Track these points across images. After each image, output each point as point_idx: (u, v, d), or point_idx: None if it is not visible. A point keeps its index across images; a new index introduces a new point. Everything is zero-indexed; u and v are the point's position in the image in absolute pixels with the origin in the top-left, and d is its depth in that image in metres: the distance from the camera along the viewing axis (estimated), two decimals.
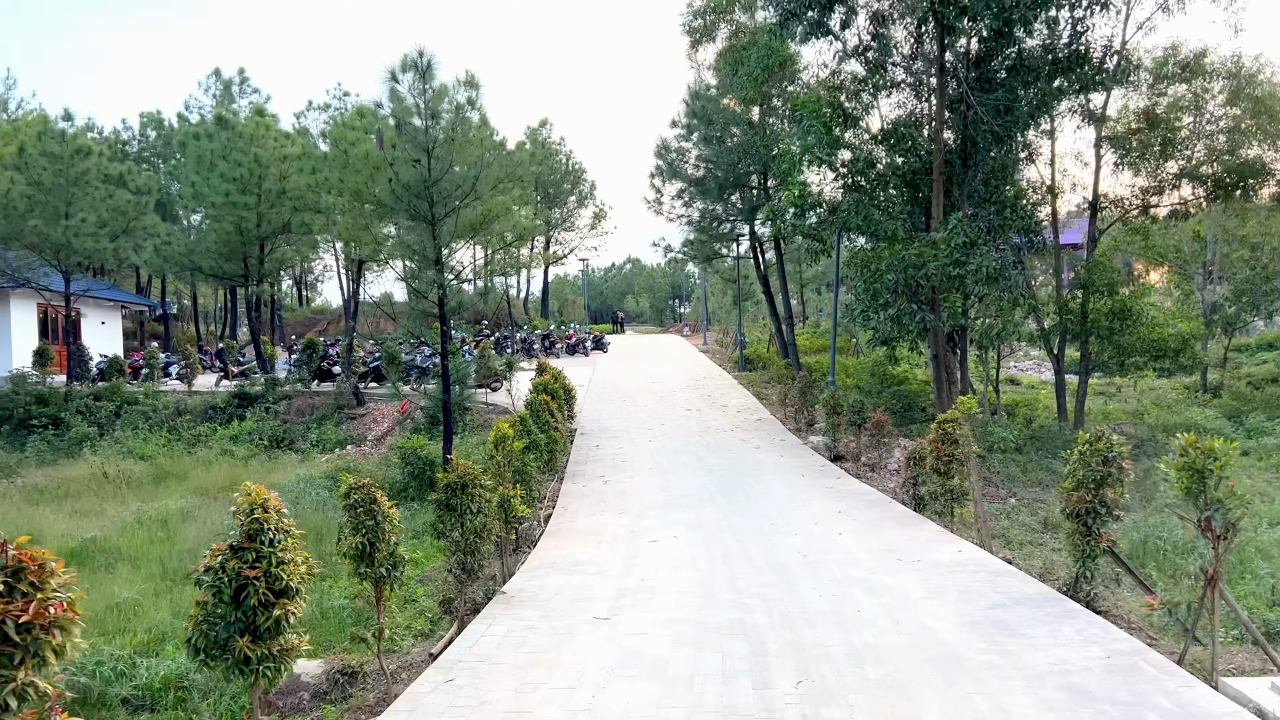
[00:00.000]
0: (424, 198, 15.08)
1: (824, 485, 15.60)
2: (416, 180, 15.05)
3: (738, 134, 27.15)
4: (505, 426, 10.96)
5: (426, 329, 31.56)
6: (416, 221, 15.24)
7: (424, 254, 15.23)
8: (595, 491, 15.73)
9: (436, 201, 15.27)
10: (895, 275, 17.19)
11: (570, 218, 57.39)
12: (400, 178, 14.84)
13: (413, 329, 15.94)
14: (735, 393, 28.75)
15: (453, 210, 15.35)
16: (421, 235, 15.31)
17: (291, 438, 26.28)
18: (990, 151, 18.37)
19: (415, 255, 15.16)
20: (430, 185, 15.07)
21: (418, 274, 14.83)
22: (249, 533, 5.23)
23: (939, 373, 19.04)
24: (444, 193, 15.32)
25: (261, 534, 5.22)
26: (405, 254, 15.18)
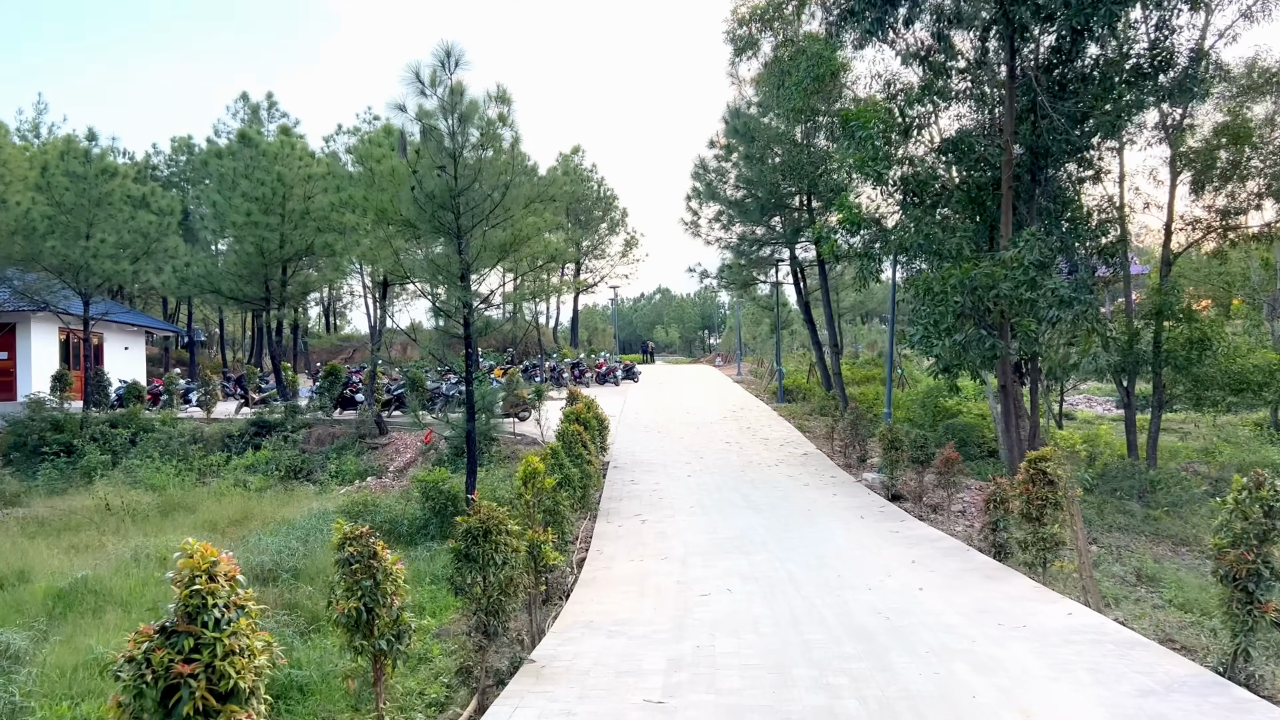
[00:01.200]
0: (449, 209, 13.81)
1: (888, 529, 14.00)
2: (441, 189, 13.80)
3: (780, 154, 25.81)
4: (535, 460, 9.53)
5: (453, 354, 30.37)
6: (441, 235, 13.96)
7: (449, 270, 13.94)
8: (633, 532, 14.24)
9: (463, 213, 14.00)
10: (962, 297, 15.66)
11: (601, 245, 56.29)
12: (424, 186, 13.59)
13: (435, 351, 14.62)
14: (776, 425, 27.19)
15: (480, 222, 14.07)
16: (447, 250, 14.03)
17: (310, 468, 25.07)
18: (1064, 164, 16.85)
19: (440, 271, 13.86)
20: (456, 195, 13.80)
21: (437, 283, 13.53)
22: (188, 611, 3.78)
23: (1007, 405, 17.41)
24: (471, 204, 14.05)
25: (204, 612, 3.77)
26: (429, 271, 13.90)
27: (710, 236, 29.92)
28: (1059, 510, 10.74)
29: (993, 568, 11.24)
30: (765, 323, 50.97)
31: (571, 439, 14.46)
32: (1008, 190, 16.69)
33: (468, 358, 13.91)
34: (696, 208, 30.04)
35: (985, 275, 15.50)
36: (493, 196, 13.91)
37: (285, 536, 15.13)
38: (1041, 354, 16.76)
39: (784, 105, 20.56)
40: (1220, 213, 20.83)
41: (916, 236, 16.45)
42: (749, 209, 26.90)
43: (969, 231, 16.59)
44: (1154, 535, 16.83)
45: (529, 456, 9.62)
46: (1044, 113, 15.96)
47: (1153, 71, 16.10)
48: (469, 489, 13.58)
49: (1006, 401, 17.51)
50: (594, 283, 56.88)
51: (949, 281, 15.87)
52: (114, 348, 38.96)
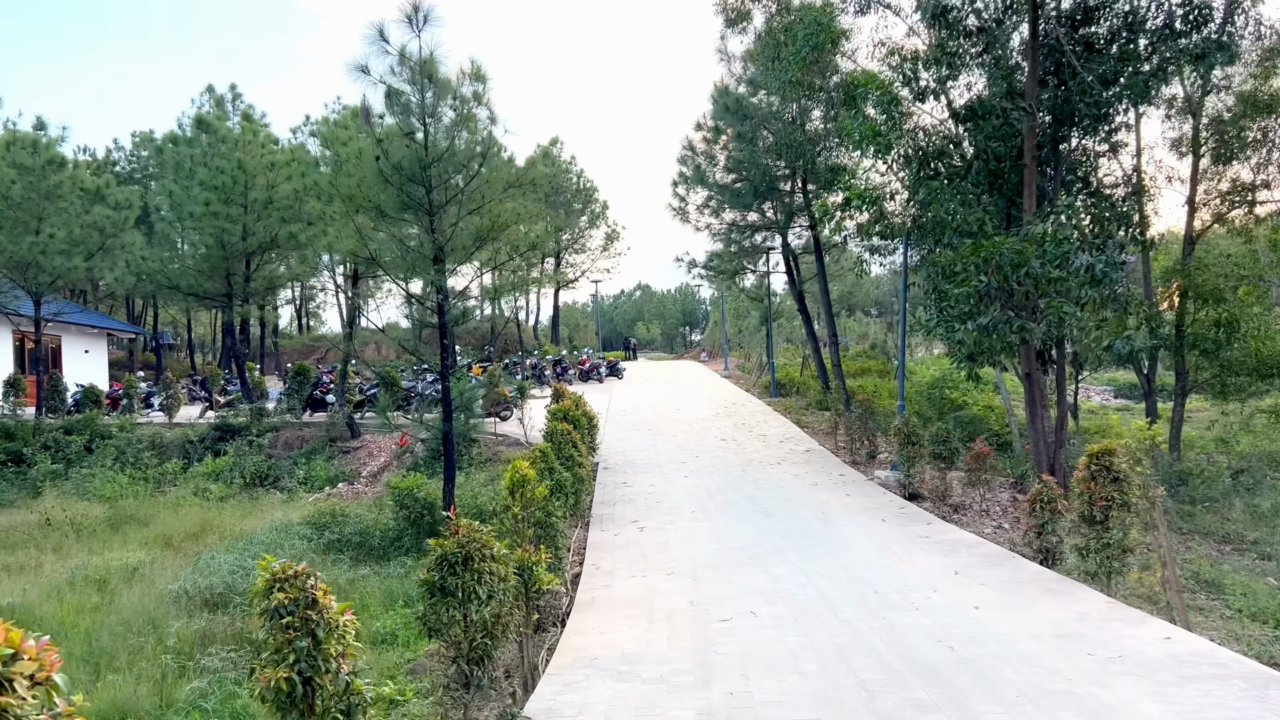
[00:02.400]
0: (419, 182, 12.24)
1: (915, 533, 12.57)
2: (410, 161, 12.23)
3: (772, 134, 24.30)
4: (524, 465, 8.01)
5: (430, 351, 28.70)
6: (410, 212, 12.39)
7: (420, 251, 12.38)
8: (631, 541, 12.74)
9: (435, 188, 12.44)
10: (988, 277, 14.26)
11: (581, 239, 54.69)
12: (390, 158, 12.01)
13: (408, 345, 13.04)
14: (772, 420, 25.76)
15: (455, 198, 12.52)
16: (418, 229, 12.47)
17: (276, 475, 23.42)
18: (1092, 131, 15.48)
19: (410, 253, 12.30)
20: (427, 167, 12.24)
21: (412, 274, 11.97)
22: None
23: (1033, 395, 16.02)
24: (444, 177, 12.49)
25: None
26: (398, 252, 12.33)
27: (700, 223, 28.43)
28: (1127, 512, 9.34)
29: (1049, 579, 9.82)
30: (751, 316, 49.58)
31: (561, 439, 12.94)
32: (1031, 161, 15.31)
33: (443, 350, 12.37)
34: (684, 193, 28.54)
35: (1014, 252, 14.11)
36: (468, 168, 12.35)
37: (241, 553, 13.52)
38: (1071, 338, 15.39)
39: (782, 76, 19.07)
40: (1246, 187, 19.60)
41: (937, 210, 15.03)
42: (741, 193, 25.39)
43: (991, 205, 15.18)
44: (1192, 533, 15.54)
45: (516, 461, 8.11)
46: (1072, 73, 14.59)
47: (1187, 29, 14.78)
48: (447, 497, 12.03)
49: (1032, 390, 16.13)
50: (575, 278, 55.29)
51: (974, 260, 14.48)
52: (73, 351, 37.04)
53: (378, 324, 27.27)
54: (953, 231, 15.33)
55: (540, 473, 10.41)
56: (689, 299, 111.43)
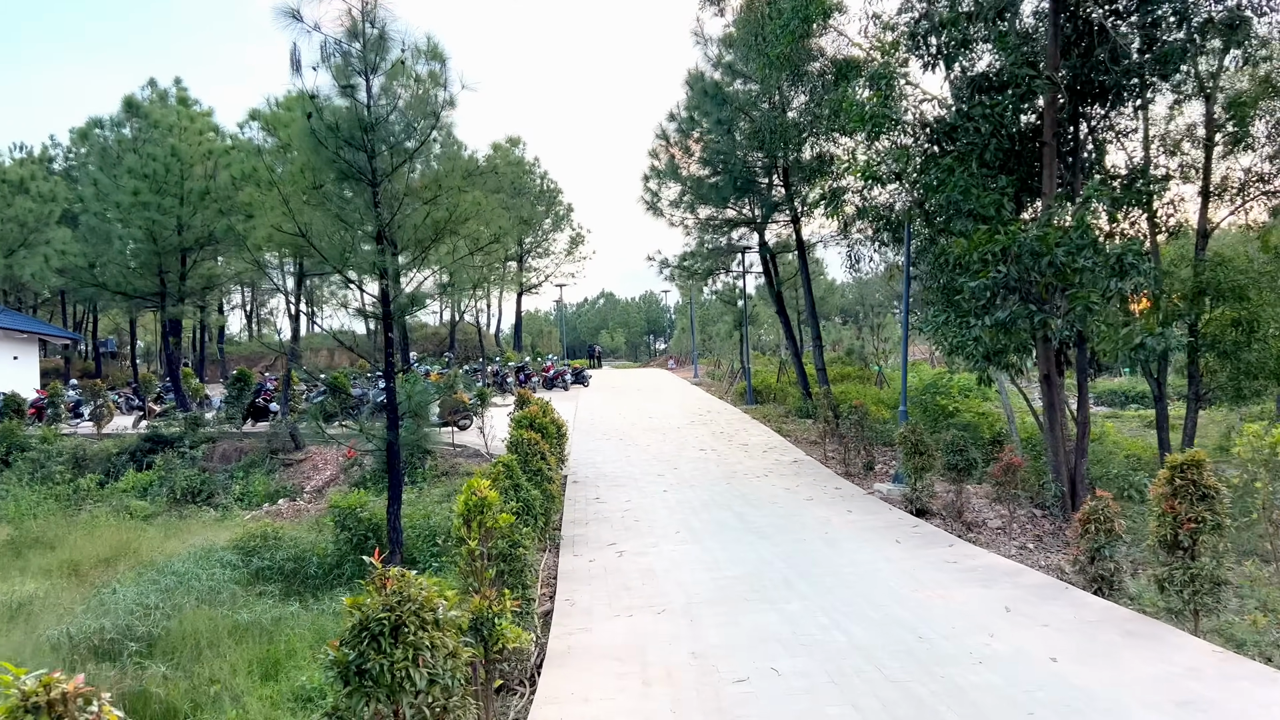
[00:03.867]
0: (359, 146, 10.35)
1: (938, 558, 10.87)
2: (349, 121, 10.34)
3: (752, 121, 22.64)
4: (483, 485, 6.16)
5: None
6: (349, 182, 10.49)
7: (362, 228, 10.48)
8: (610, 569, 10.90)
9: (378, 153, 10.55)
10: (1006, 267, 12.66)
11: (545, 242, 52.78)
12: (324, 116, 10.11)
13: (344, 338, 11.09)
14: (752, 429, 24.04)
15: (404, 162, 10.64)
16: (358, 201, 10.57)
17: (210, 490, 21.30)
18: (1123, 105, 13.99)
19: (348, 231, 10.39)
20: (368, 128, 10.35)
21: (350, 255, 10.05)
22: None
23: (1052, 399, 14.45)
24: (388, 138, 10.62)
25: None
26: (334, 229, 10.41)
27: (674, 218, 26.69)
28: (1219, 536, 7.70)
29: (1123, 618, 8.13)
30: (722, 322, 47.97)
31: (528, 450, 11.08)
32: (1051, 138, 13.79)
33: (387, 346, 10.46)
34: (655, 188, 26.79)
35: (1036, 240, 12.52)
36: (419, 130, 10.49)
37: (147, 586, 11.47)
38: (1096, 335, 13.84)
39: (769, 51, 17.40)
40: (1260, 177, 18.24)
41: (947, 193, 13.41)
42: (719, 186, 23.67)
43: (1009, 187, 13.59)
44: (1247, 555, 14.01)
45: (472, 480, 6.24)
46: (1101, 37, 13.06)
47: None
48: (392, 519, 10.10)
49: (1051, 394, 14.56)
50: (538, 282, 53.32)
51: (990, 249, 12.87)
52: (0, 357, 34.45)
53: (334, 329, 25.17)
54: (965, 217, 13.74)
55: (504, 492, 8.55)
56: (653, 307, 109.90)
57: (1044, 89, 12.99)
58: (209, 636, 9.91)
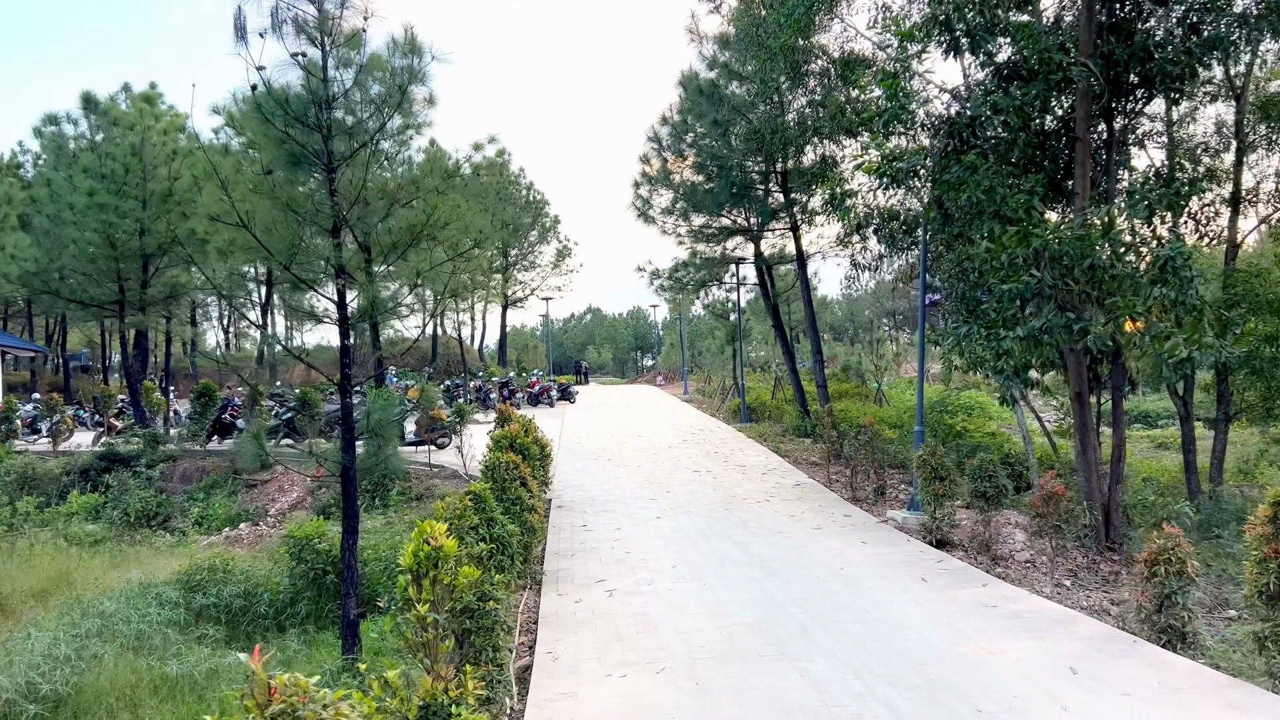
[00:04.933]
0: (314, 126, 8.98)
1: (974, 600, 9.51)
2: (300, 99, 8.98)
3: (747, 125, 21.35)
4: (438, 529, 4.77)
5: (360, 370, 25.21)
6: (301, 169, 9.12)
7: (316, 219, 9.09)
8: (598, 612, 9.49)
9: (336, 133, 9.19)
10: (1040, 272, 11.38)
11: (530, 254, 51.42)
12: (270, 90, 8.73)
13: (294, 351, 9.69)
14: (749, 449, 22.68)
15: (365, 145, 9.28)
16: (312, 189, 9.20)
17: (167, 513, 19.78)
18: (1160, 96, 12.78)
19: (300, 221, 9.00)
20: (324, 104, 8.99)
21: (298, 249, 8.65)
22: None
23: (1084, 418, 13.16)
24: (347, 117, 9.26)
25: None
26: (281, 219, 9.00)
27: (666, 225, 25.36)
28: None
29: (1219, 683, 6.78)
30: (713, 337, 46.69)
31: (506, 475, 9.68)
32: (1085, 132, 12.56)
33: (343, 353, 9.07)
34: (646, 194, 25.47)
35: (1077, 240, 11.26)
36: (388, 104, 9.14)
37: (68, 630, 9.98)
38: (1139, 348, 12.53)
39: (771, 42, 16.17)
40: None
41: (971, 192, 12.13)
42: (715, 191, 22.35)
43: (1038, 186, 12.33)
44: None
45: (425, 523, 4.84)
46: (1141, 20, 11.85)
47: None
48: (346, 555, 8.67)
49: (1084, 413, 13.27)
50: (524, 296, 51.92)
51: (1021, 251, 11.60)
52: None
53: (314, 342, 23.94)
54: (991, 219, 12.46)
55: (474, 528, 7.15)
56: (641, 322, 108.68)
57: (1081, 76, 11.74)
58: (129, 694, 8.45)
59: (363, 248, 10.45)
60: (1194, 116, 17.66)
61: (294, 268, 8.87)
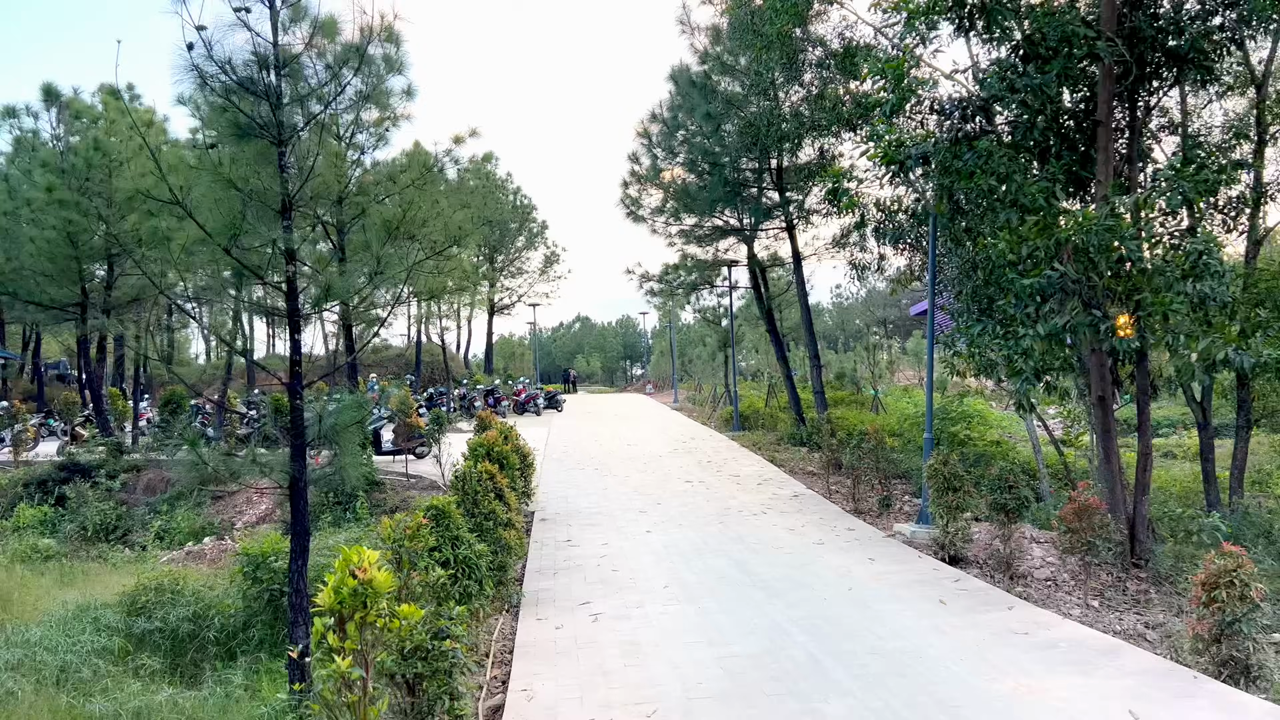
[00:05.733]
0: (259, 91, 7.94)
1: (1000, 626, 8.52)
2: (243, 58, 7.95)
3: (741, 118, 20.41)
4: (368, 557, 3.74)
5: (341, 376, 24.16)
6: (250, 142, 8.08)
7: (262, 200, 8.05)
8: (582, 640, 8.45)
9: (289, 101, 8.16)
10: (1063, 265, 10.43)
11: (517, 260, 50.39)
12: (211, 51, 7.70)
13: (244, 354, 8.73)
14: (742, 458, 21.68)
15: (321, 114, 8.26)
16: (259, 162, 8.15)
17: (128, 527, 18.65)
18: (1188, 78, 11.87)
19: (247, 201, 7.95)
20: (272, 67, 7.97)
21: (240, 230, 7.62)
22: None
23: (1106, 424, 12.21)
24: (301, 85, 8.23)
25: None
26: (222, 197, 7.98)
27: (656, 226, 24.39)
28: None
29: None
30: (704, 345, 45.67)
31: (479, 487, 8.64)
32: (1107, 115, 11.62)
33: (293, 350, 8.03)
34: (636, 194, 24.50)
35: (1104, 230, 10.31)
36: (339, 69, 8.13)
37: None
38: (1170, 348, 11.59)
39: (767, 28, 15.25)
40: None
41: (984, 180, 11.20)
42: (709, 187, 21.39)
43: (1060, 173, 11.40)
44: None
45: (353, 549, 3.81)
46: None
47: None
48: (294, 580, 7.61)
49: (1106, 419, 12.32)
50: (510, 302, 50.87)
51: (1042, 243, 10.66)
52: None
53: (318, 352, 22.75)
54: (1009, 207, 11.52)
55: (433, 550, 6.12)
56: (630, 331, 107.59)
57: (1107, 52, 10.81)
58: None
59: (338, 247, 9.46)
60: (1208, 109, 16.85)
61: (238, 253, 7.83)
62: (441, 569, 6.40)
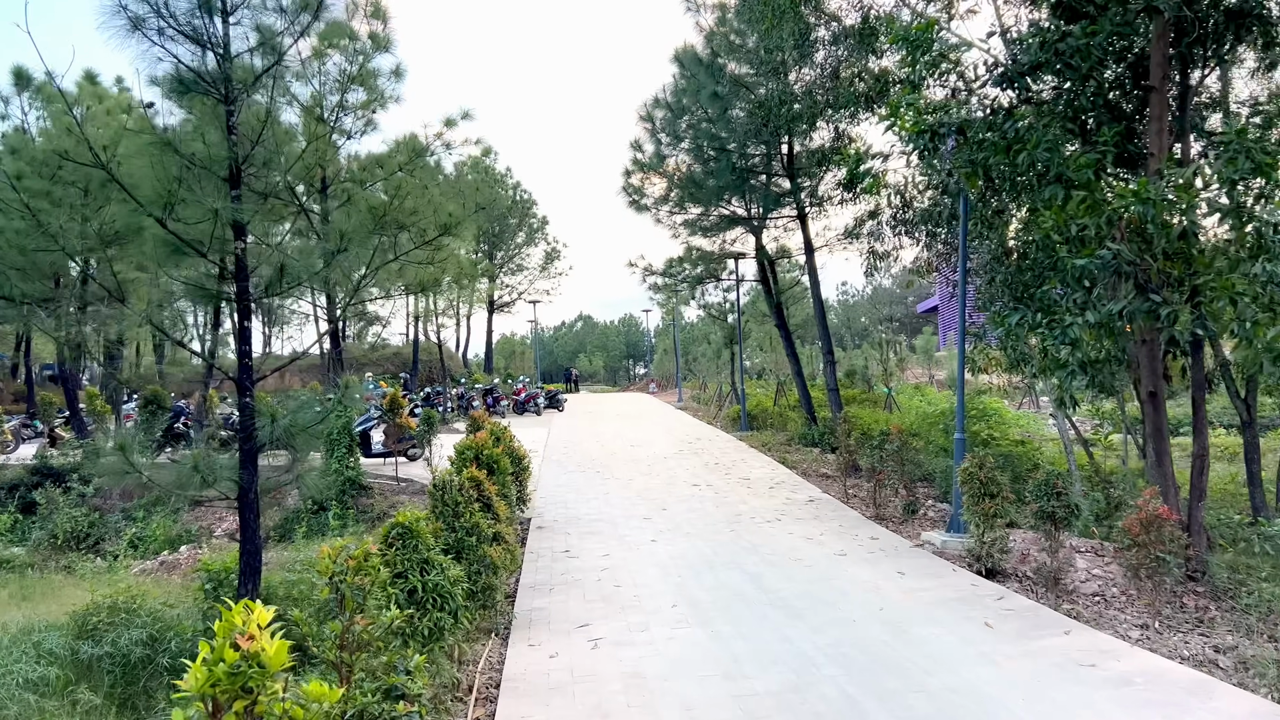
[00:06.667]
0: (201, 39, 6.86)
1: (1060, 654, 7.40)
2: (184, 6, 6.85)
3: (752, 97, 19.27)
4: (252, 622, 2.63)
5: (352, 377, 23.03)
6: (193, 99, 7.00)
7: (206, 164, 6.95)
8: (578, 673, 7.35)
9: (234, 54, 7.06)
10: (1116, 244, 9.32)
11: (517, 256, 49.29)
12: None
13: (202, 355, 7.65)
14: (752, 460, 20.56)
15: (275, 64, 7.15)
16: (205, 124, 7.06)
17: (100, 534, 17.57)
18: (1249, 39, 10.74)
19: (189, 168, 6.85)
20: (227, 13, 6.88)
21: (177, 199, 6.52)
22: None
23: (1159, 423, 11.09)
24: (252, 35, 7.14)
25: None
26: (159, 160, 6.88)
27: (660, 215, 23.27)
28: None
29: None
30: (706, 342, 44.59)
31: (460, 497, 7.53)
32: (1161, 81, 10.50)
33: (241, 337, 6.91)
34: (639, 183, 23.37)
35: (1164, 204, 9.19)
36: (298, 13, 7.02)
37: None
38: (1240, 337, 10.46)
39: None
40: None
41: (1030, 152, 10.08)
42: (716, 173, 20.25)
43: (1110, 143, 10.26)
44: None
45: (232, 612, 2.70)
46: None
47: None
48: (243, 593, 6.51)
49: (1158, 418, 11.18)
50: (510, 299, 49.77)
51: (1091, 220, 9.54)
52: None
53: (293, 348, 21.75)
54: (1052, 182, 10.40)
55: (397, 576, 5.01)
56: (633, 330, 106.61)
57: (1169, 5, 9.67)
58: None
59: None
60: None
61: (176, 226, 6.72)
62: (408, 599, 5.30)
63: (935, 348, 56.97)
